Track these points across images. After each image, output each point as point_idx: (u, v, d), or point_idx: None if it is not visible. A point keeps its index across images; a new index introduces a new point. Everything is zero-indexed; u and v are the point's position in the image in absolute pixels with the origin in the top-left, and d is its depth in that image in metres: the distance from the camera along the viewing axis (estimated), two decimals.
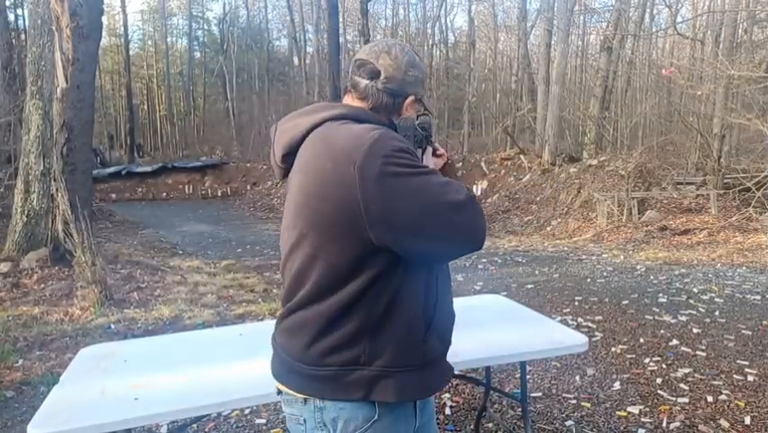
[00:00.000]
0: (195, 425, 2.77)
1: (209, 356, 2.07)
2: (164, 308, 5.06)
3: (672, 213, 10.23)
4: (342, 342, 1.11)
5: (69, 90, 6.07)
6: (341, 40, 19.43)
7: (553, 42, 16.73)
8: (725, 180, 10.87)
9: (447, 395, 3.14)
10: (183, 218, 14.71)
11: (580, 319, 4.57)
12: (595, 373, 3.42)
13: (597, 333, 4.20)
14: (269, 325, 2.83)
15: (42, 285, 5.57)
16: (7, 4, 14.20)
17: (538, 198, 13.01)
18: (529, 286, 5.87)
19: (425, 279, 1.17)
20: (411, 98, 1.26)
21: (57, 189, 5.94)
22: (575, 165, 13.48)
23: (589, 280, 6.09)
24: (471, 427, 2.77)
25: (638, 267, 6.70)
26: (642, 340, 4.01)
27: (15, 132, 9.21)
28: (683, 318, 4.51)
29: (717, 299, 5.07)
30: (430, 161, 1.34)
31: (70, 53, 6.02)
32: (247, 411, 2.99)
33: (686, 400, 3.03)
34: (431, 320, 1.17)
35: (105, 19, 7.33)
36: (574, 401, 3.05)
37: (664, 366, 3.51)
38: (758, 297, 5.14)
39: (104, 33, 8.08)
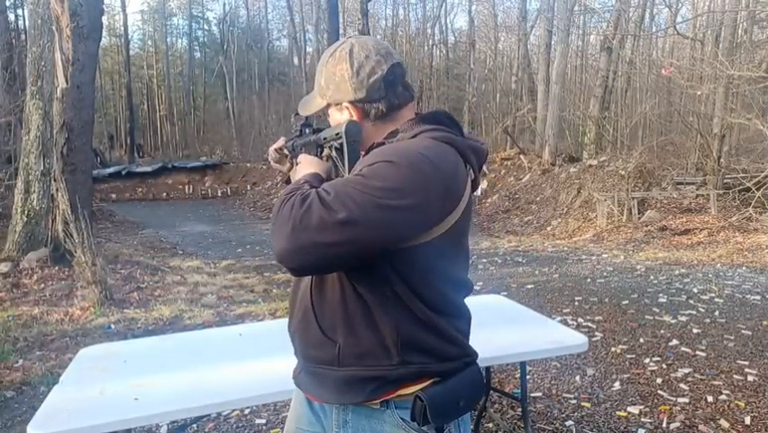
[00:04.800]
0: (195, 425, 2.77)
1: (209, 357, 2.07)
2: (164, 308, 5.06)
3: (672, 213, 10.23)
4: None
5: (69, 90, 6.08)
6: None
7: (553, 42, 16.75)
8: (725, 180, 10.87)
9: None
10: (183, 218, 14.72)
11: (580, 319, 4.57)
12: (595, 374, 3.42)
13: (597, 333, 4.19)
14: (269, 325, 2.84)
15: (42, 285, 5.57)
16: (7, 4, 14.21)
17: (538, 198, 13.01)
18: (529, 286, 5.87)
19: None
20: None
21: (57, 189, 5.94)
22: (575, 165, 13.48)
23: (589, 280, 6.09)
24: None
25: (638, 267, 6.69)
26: (642, 340, 4.01)
27: (15, 132, 9.22)
28: (683, 318, 4.51)
29: (717, 300, 5.07)
30: None
31: (70, 53, 6.03)
32: (247, 412, 2.99)
33: (686, 400, 3.03)
34: None
35: (105, 19, 7.34)
36: (574, 401, 3.05)
37: (664, 366, 3.51)
38: (758, 297, 5.13)
39: (104, 33, 8.08)
